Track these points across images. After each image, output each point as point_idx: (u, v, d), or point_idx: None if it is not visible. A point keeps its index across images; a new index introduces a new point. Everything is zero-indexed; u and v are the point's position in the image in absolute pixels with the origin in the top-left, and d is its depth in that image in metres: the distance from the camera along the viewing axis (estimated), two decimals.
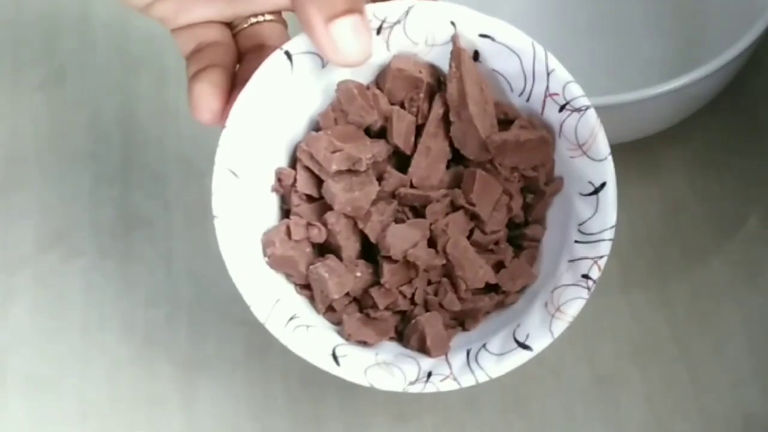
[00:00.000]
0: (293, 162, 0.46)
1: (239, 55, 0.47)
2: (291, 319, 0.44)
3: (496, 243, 0.46)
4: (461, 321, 0.46)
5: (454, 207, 0.45)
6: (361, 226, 0.45)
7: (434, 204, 0.45)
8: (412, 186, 0.45)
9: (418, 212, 0.45)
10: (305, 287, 0.45)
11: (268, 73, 0.44)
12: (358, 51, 0.42)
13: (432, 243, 0.45)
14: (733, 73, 0.58)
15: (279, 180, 0.46)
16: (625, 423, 0.55)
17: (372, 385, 0.43)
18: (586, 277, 0.44)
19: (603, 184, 0.44)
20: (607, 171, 0.44)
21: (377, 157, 0.45)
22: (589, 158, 0.44)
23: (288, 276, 0.45)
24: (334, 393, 0.56)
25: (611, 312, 0.58)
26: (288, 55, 0.44)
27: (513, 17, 0.46)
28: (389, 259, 0.44)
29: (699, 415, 0.55)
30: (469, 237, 0.45)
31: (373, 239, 0.45)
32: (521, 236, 0.46)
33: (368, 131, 0.46)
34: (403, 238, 0.44)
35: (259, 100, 0.44)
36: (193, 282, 0.60)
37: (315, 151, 0.44)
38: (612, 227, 0.44)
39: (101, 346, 0.58)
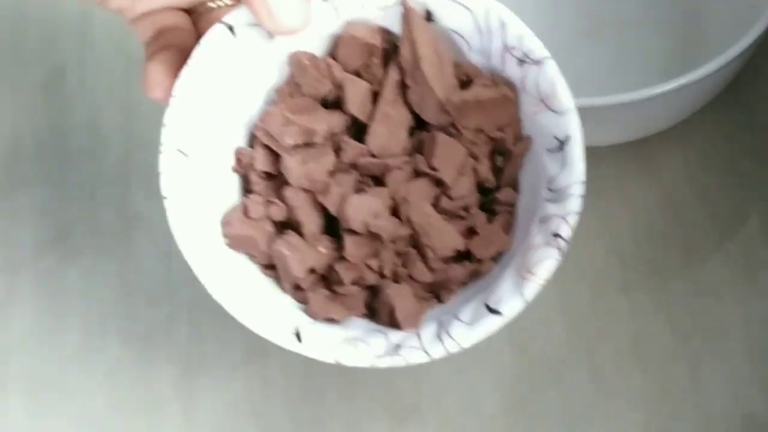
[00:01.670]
0: (253, 142, 0.45)
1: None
2: (252, 298, 0.43)
3: (466, 209, 0.44)
4: (436, 293, 0.44)
5: (417, 174, 0.43)
6: (320, 199, 0.43)
7: (395, 172, 0.43)
8: (372, 156, 0.43)
9: (381, 182, 0.44)
10: (270, 267, 0.44)
11: (210, 46, 0.43)
12: (295, 18, 0.41)
13: (396, 212, 0.43)
14: (733, 73, 0.58)
15: (239, 160, 0.44)
16: (625, 423, 0.55)
17: (337, 361, 0.41)
18: (556, 236, 0.42)
19: (567, 138, 0.42)
20: (570, 124, 0.42)
21: (334, 129, 0.43)
22: (552, 111, 0.42)
23: (251, 257, 0.44)
24: (334, 393, 0.56)
25: (611, 312, 0.58)
26: (230, 27, 0.43)
27: None
28: (351, 231, 0.43)
29: (699, 415, 0.55)
30: (435, 204, 0.43)
31: (333, 212, 0.43)
32: (494, 201, 0.44)
33: (326, 104, 0.44)
34: (363, 209, 0.42)
35: (203, 75, 0.43)
36: (193, 282, 0.59)
37: (270, 127, 0.43)
38: (581, 182, 0.42)
39: (101, 346, 0.58)
